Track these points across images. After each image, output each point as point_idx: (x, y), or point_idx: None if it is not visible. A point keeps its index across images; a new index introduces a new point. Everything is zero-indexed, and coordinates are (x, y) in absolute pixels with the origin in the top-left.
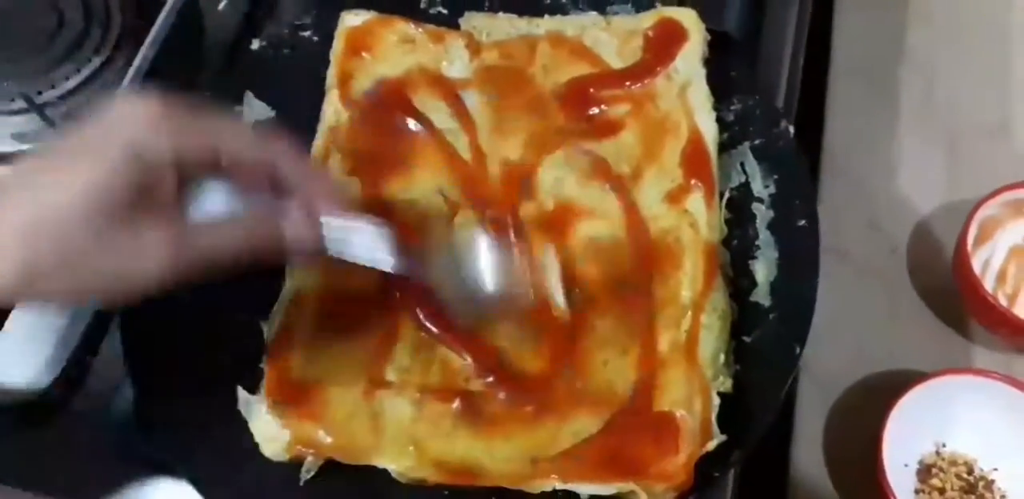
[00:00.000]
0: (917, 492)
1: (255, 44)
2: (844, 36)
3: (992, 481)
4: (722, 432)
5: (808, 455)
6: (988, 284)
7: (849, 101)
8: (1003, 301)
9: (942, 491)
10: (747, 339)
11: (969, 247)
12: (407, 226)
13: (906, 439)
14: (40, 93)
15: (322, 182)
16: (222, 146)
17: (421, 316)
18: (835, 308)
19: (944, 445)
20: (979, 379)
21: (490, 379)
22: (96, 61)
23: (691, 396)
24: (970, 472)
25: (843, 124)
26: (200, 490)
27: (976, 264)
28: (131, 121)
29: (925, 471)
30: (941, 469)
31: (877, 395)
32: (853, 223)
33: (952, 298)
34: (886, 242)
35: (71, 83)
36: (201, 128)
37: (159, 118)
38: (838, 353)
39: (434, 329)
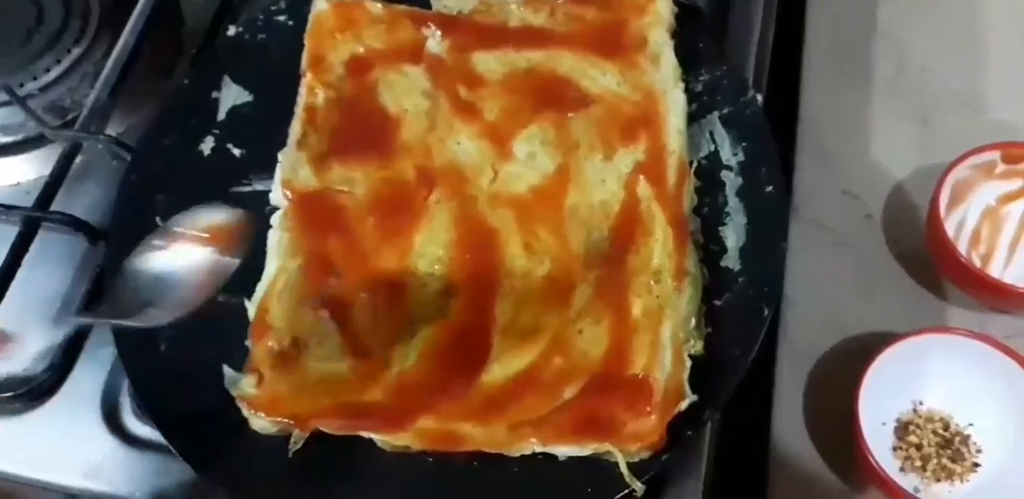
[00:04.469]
0: (895, 449)
1: (231, 30)
2: (816, 11)
3: (968, 436)
4: (694, 393)
5: (788, 417)
6: (962, 246)
7: (823, 74)
8: (976, 262)
9: (919, 447)
10: (718, 303)
11: (942, 210)
12: (383, 202)
13: (883, 398)
14: (22, 85)
15: None
16: None
17: None
18: (813, 274)
19: (921, 403)
20: (952, 337)
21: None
22: (76, 52)
23: (663, 359)
24: (946, 428)
25: (817, 97)
26: (192, 464)
27: (950, 226)
28: None
29: (903, 429)
30: (918, 426)
31: (855, 357)
32: (829, 192)
33: (927, 261)
34: (861, 208)
35: (52, 75)
36: None
37: None
38: (816, 317)
39: None
